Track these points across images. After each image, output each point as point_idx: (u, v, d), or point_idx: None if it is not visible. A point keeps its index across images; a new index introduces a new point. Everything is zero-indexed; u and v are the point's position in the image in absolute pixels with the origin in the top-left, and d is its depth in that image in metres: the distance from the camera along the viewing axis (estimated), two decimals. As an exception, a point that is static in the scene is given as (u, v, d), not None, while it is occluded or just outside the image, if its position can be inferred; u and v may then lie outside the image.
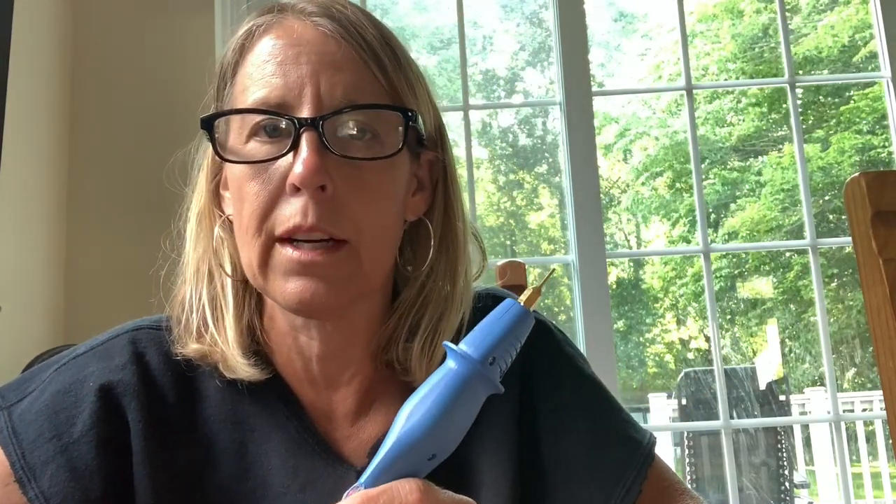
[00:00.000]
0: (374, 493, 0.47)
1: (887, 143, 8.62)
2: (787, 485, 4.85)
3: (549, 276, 0.58)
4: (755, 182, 10.12)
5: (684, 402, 5.29)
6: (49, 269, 1.80)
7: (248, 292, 0.67)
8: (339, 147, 0.59)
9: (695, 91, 2.20)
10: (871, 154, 9.42)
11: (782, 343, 10.02)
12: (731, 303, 10.61)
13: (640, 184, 11.07)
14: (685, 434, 5.00)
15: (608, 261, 2.02)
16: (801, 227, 9.25)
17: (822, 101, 10.10)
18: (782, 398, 5.51)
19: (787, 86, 2.22)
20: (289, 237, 0.58)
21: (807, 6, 10.36)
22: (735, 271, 10.43)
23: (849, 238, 0.76)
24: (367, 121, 0.61)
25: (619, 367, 10.01)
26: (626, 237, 11.96)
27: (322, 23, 0.62)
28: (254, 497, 0.63)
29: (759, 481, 4.92)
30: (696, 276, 10.05)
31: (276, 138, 0.60)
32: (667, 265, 10.50)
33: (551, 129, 11.70)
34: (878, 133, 9.37)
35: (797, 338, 10.43)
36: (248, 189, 0.60)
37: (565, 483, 0.68)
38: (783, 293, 10.20)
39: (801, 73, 8.89)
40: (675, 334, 11.41)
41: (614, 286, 10.81)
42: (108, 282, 1.80)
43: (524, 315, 0.52)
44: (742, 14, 10.64)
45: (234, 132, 0.62)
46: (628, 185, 11.41)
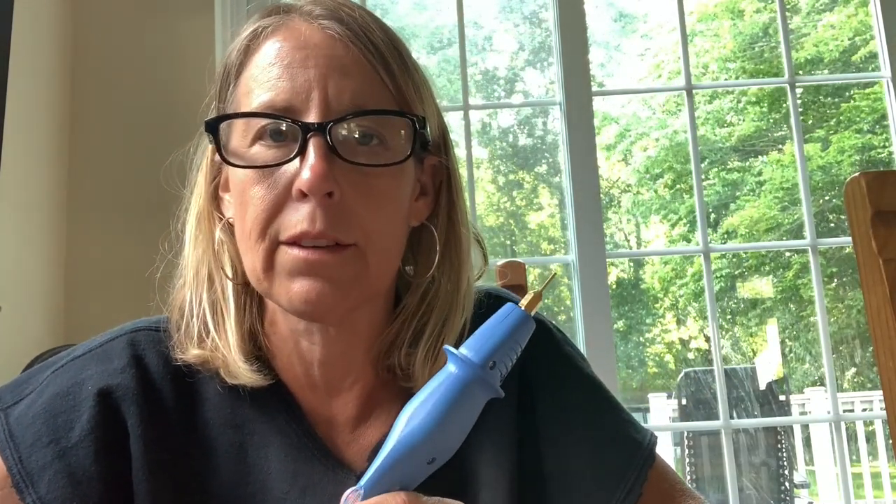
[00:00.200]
0: None
1: (887, 143, 8.62)
2: (787, 485, 4.85)
3: (550, 280, 0.58)
4: (755, 182, 10.12)
5: (684, 402, 5.29)
6: (49, 269, 1.80)
7: (248, 296, 0.66)
8: (346, 153, 0.58)
9: (694, 91, 2.20)
10: (871, 154, 9.42)
11: (782, 343, 10.02)
12: (731, 303, 10.61)
13: (640, 184, 11.07)
14: (685, 434, 5.00)
15: (608, 261, 2.02)
16: (800, 227, 9.25)
17: (822, 101, 10.10)
18: (782, 398, 5.52)
19: (787, 86, 2.22)
20: (295, 242, 0.58)
21: (807, 6, 10.36)
22: (735, 271, 10.43)
23: (849, 238, 0.76)
24: (374, 126, 0.60)
25: (619, 367, 10.00)
26: (626, 237, 11.96)
27: (330, 26, 0.61)
28: (253, 501, 0.62)
29: (759, 481, 4.92)
30: (696, 276, 10.05)
31: (281, 142, 0.59)
32: (666, 265, 10.50)
33: (551, 129, 11.70)
34: (878, 133, 9.37)
35: (797, 338, 10.43)
36: (253, 193, 0.59)
37: (565, 485, 0.68)
38: (782, 292, 10.20)
39: (801, 73, 8.88)
40: (675, 334, 11.41)
41: (614, 286, 10.80)
42: (108, 282, 1.80)
43: (525, 319, 0.52)
44: (742, 13, 10.64)
45: (238, 135, 0.61)
46: (628, 186, 11.41)
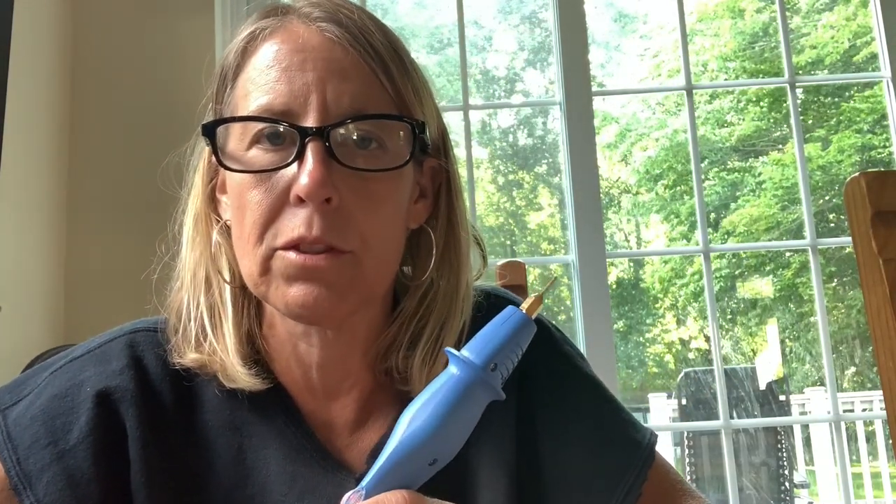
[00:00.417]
0: None
1: (887, 143, 8.62)
2: (787, 485, 4.85)
3: (552, 283, 0.58)
4: (755, 183, 10.13)
5: (684, 402, 5.29)
6: (49, 269, 1.80)
7: (246, 299, 0.65)
8: (345, 157, 0.57)
9: (694, 91, 2.20)
10: (871, 154, 9.42)
11: (782, 343, 10.02)
12: (731, 303, 10.62)
13: (640, 184, 11.07)
14: (685, 434, 5.00)
15: (608, 261, 2.02)
16: (800, 226, 9.25)
17: (822, 101, 10.10)
18: (782, 398, 5.52)
19: (787, 86, 2.22)
20: (292, 247, 0.57)
21: (807, 5, 10.36)
22: (735, 271, 10.43)
23: (849, 238, 0.76)
24: (373, 130, 0.59)
25: (619, 367, 10.01)
26: (626, 237, 11.96)
27: (328, 28, 0.60)
28: (252, 503, 0.62)
29: (759, 481, 4.92)
30: (696, 276, 10.05)
31: (279, 146, 0.59)
32: (666, 264, 10.50)
33: (551, 129, 11.70)
34: (878, 133, 9.38)
35: (797, 338, 10.43)
36: (250, 198, 0.59)
37: (564, 485, 0.68)
38: (781, 290, 10.20)
39: (800, 73, 8.88)
40: (675, 334, 11.41)
41: (614, 286, 10.81)
42: (107, 282, 1.80)
43: (526, 322, 0.52)
44: (742, 13, 10.64)
45: (235, 138, 0.61)
46: (628, 187, 11.41)
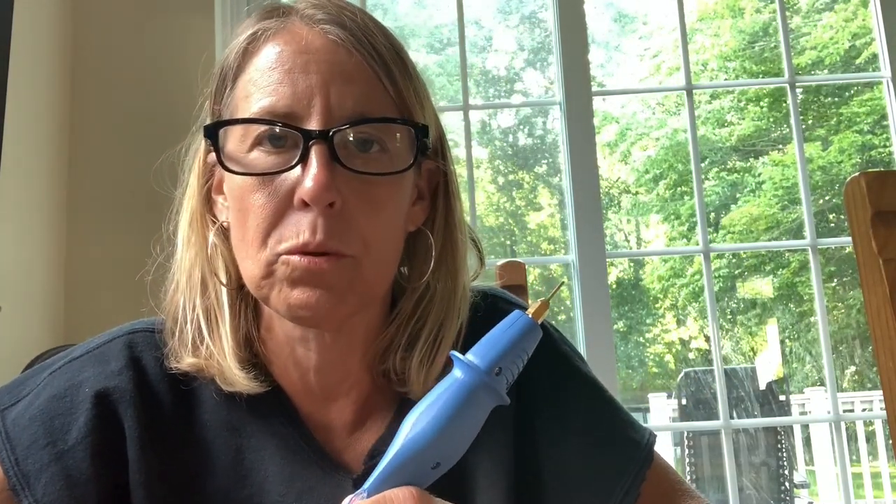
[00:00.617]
0: (369, 502, 0.47)
1: (887, 143, 8.63)
2: (787, 485, 4.85)
3: (558, 289, 0.58)
4: (755, 184, 10.13)
5: (684, 402, 5.29)
6: (49, 269, 1.80)
7: (243, 301, 0.65)
8: (348, 161, 0.57)
9: (694, 91, 2.20)
10: (871, 154, 9.42)
11: (782, 343, 10.02)
12: (731, 303, 10.62)
13: (640, 184, 11.07)
14: (685, 434, 5.00)
15: (608, 261, 2.02)
16: (800, 226, 9.25)
17: (822, 101, 10.11)
18: (782, 398, 5.52)
19: (787, 86, 2.22)
20: (295, 251, 0.57)
21: (807, 5, 10.36)
22: (735, 271, 10.44)
23: (849, 238, 0.76)
24: (375, 133, 0.59)
25: (619, 367, 10.02)
26: (626, 237, 11.96)
27: (332, 30, 0.60)
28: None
29: (759, 481, 4.92)
30: (696, 275, 10.04)
31: (281, 148, 0.58)
32: (666, 262, 10.51)
33: (551, 129, 11.70)
34: (878, 133, 9.38)
35: (797, 338, 10.44)
36: (253, 201, 0.58)
37: (563, 486, 0.68)
38: (779, 289, 10.20)
39: (800, 73, 8.89)
40: (675, 334, 11.41)
41: (614, 286, 10.81)
42: (107, 282, 1.80)
43: (532, 327, 0.52)
44: (742, 13, 10.65)
45: (236, 139, 0.60)
46: (628, 187, 11.41)
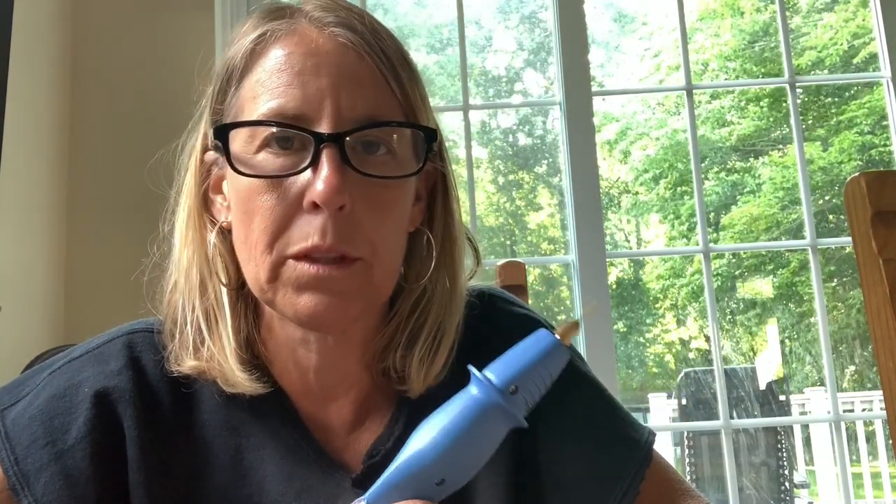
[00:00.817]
0: None
1: (887, 143, 8.63)
2: (787, 485, 4.85)
3: (591, 311, 0.56)
4: (755, 185, 10.13)
5: (684, 402, 5.29)
6: (49, 269, 1.80)
7: (242, 302, 0.65)
8: (358, 164, 0.57)
9: (694, 91, 2.20)
10: (871, 153, 9.43)
11: (782, 343, 10.02)
12: (731, 303, 10.62)
13: (640, 184, 11.08)
14: (685, 434, 5.00)
15: (608, 261, 2.02)
16: (800, 226, 9.26)
17: (822, 101, 10.11)
18: (782, 398, 5.52)
19: (786, 86, 2.22)
20: (304, 256, 0.57)
21: (807, 5, 10.36)
22: (735, 271, 10.44)
23: (849, 238, 0.76)
24: (384, 137, 0.59)
25: (619, 367, 10.01)
26: (626, 237, 11.96)
27: (342, 34, 0.60)
28: (250, 503, 0.62)
29: (759, 481, 4.92)
30: (695, 275, 10.04)
31: (289, 151, 0.58)
32: (665, 262, 10.51)
33: (551, 129, 11.70)
34: (878, 133, 9.38)
35: (797, 338, 10.44)
36: (261, 203, 0.58)
37: (563, 485, 0.68)
38: (779, 289, 10.21)
39: (801, 73, 8.89)
40: (675, 334, 11.41)
41: (614, 286, 10.81)
42: (107, 282, 1.80)
43: (556, 347, 0.49)
44: (742, 13, 10.65)
45: (242, 140, 0.60)
46: (628, 187, 11.41)
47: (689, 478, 4.77)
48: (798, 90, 2.41)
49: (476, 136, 11.40)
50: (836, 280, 9.78)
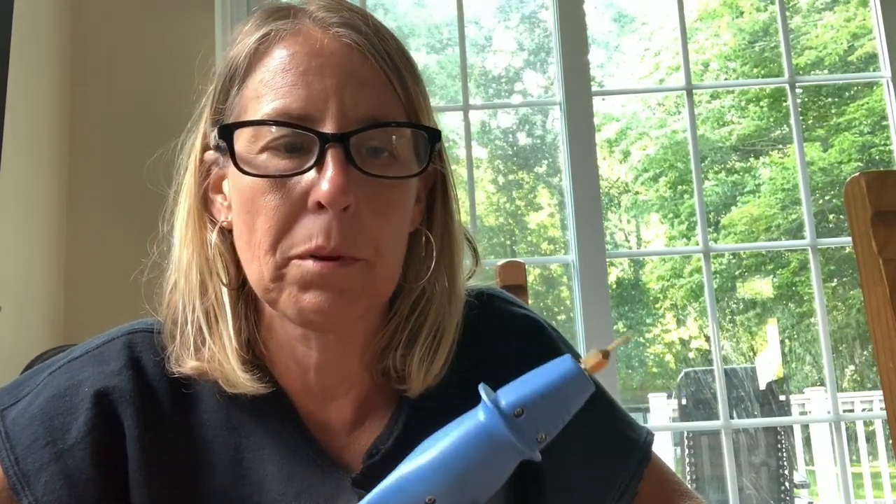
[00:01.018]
0: None
1: (887, 143, 8.63)
2: (787, 485, 4.85)
3: (623, 342, 0.50)
4: (755, 185, 10.13)
5: (684, 401, 5.29)
6: (49, 269, 1.80)
7: (243, 302, 0.65)
8: (362, 164, 0.58)
9: (694, 91, 2.20)
10: (871, 153, 9.43)
11: (782, 343, 10.02)
12: (731, 303, 10.62)
13: (640, 184, 11.08)
14: (685, 434, 5.00)
15: (608, 261, 2.02)
16: (800, 226, 9.26)
17: (822, 101, 10.11)
18: (782, 398, 5.52)
19: (786, 86, 2.22)
20: (307, 255, 0.57)
21: (807, 5, 10.36)
22: (735, 271, 10.44)
23: (849, 238, 0.76)
24: (387, 138, 0.60)
25: (619, 367, 10.01)
26: (626, 237, 11.96)
27: (346, 34, 0.60)
28: (249, 502, 0.63)
29: (759, 481, 4.92)
30: (694, 273, 10.03)
31: (294, 151, 0.58)
32: (666, 262, 10.51)
33: (551, 129, 11.70)
34: (878, 133, 9.38)
35: (797, 338, 10.44)
36: (265, 202, 0.58)
37: (560, 485, 0.68)
38: (779, 289, 10.21)
39: (801, 73, 8.89)
40: (675, 334, 11.41)
41: (614, 286, 10.81)
42: (107, 282, 1.80)
43: (576, 376, 0.44)
44: (742, 12, 10.65)
45: (246, 140, 0.60)
46: (628, 187, 11.41)
47: (689, 478, 4.77)
48: (798, 90, 2.41)
49: (476, 136, 11.40)
50: (836, 280, 9.78)
